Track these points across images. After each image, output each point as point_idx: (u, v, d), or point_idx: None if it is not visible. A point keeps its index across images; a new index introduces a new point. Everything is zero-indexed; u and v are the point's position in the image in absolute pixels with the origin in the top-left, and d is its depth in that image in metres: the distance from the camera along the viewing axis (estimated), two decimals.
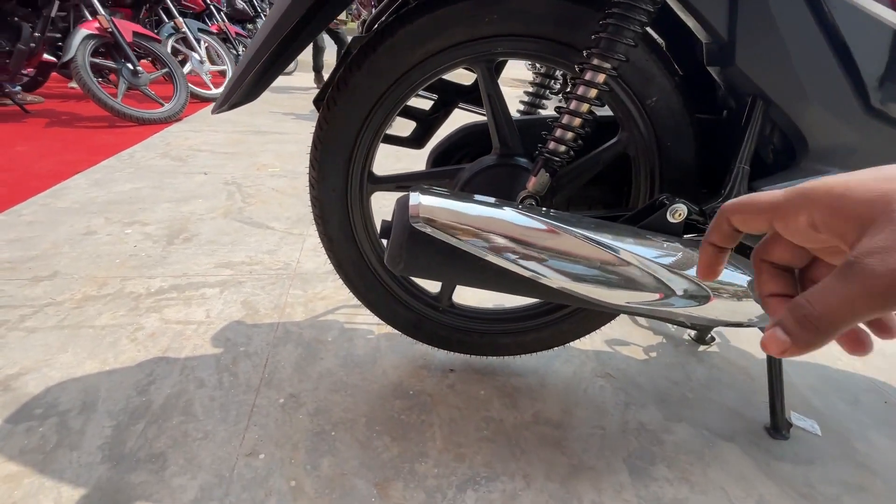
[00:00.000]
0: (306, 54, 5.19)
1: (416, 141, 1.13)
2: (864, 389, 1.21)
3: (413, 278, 1.04)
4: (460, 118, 1.04)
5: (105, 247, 1.61)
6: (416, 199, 0.61)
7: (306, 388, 1.06)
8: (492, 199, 0.65)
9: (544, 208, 0.70)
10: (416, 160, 1.06)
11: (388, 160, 2.88)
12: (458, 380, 1.13)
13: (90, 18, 3.28)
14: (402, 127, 1.06)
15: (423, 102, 1.12)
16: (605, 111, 0.92)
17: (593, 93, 0.72)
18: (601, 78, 0.70)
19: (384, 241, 0.78)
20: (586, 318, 1.05)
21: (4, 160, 2.44)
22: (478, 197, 0.65)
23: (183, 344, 1.17)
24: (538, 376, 1.16)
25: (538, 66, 1.11)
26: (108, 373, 1.06)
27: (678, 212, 0.70)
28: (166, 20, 4.55)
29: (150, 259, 1.55)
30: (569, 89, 0.74)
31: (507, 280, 0.66)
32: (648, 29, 0.92)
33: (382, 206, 2.03)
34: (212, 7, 5.24)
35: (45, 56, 3.43)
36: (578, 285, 0.63)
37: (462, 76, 0.90)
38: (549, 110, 1.12)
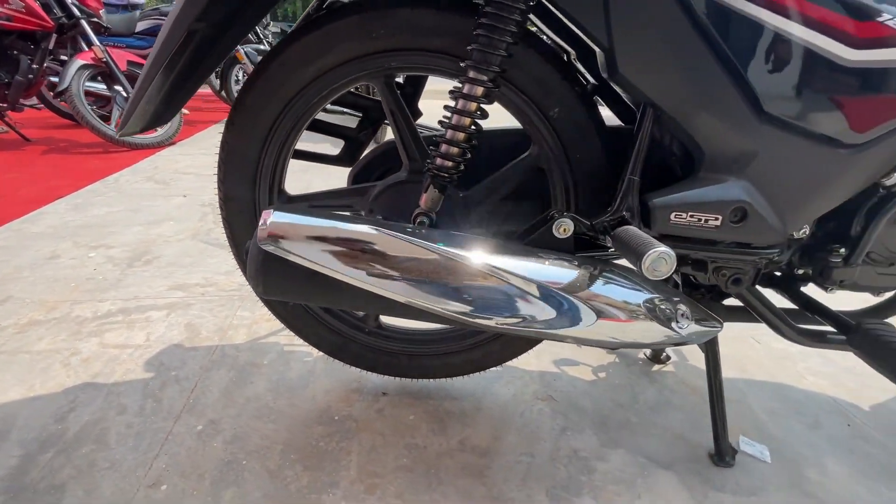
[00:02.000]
0: None
1: (345, 159, 1.11)
2: (827, 411, 1.13)
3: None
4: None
5: (65, 271, 1.62)
6: (267, 217, 0.58)
7: (229, 414, 1.03)
8: (350, 216, 0.62)
9: (411, 225, 0.67)
10: None
11: None
12: (390, 404, 1.09)
13: (86, 49, 3.40)
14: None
15: (357, 118, 1.11)
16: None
17: (473, 106, 0.69)
18: (479, 91, 0.68)
19: None
20: (518, 337, 1.00)
21: None
22: (335, 213, 0.62)
23: (115, 369, 1.15)
24: (475, 399, 1.12)
25: None
26: (31, 400, 1.04)
27: (563, 227, 0.66)
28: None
29: (105, 282, 1.56)
30: (451, 103, 0.71)
31: (375, 301, 0.63)
32: (555, 37, 0.89)
33: None
34: None
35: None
36: (441, 303, 0.59)
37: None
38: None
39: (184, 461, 0.91)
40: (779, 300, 0.90)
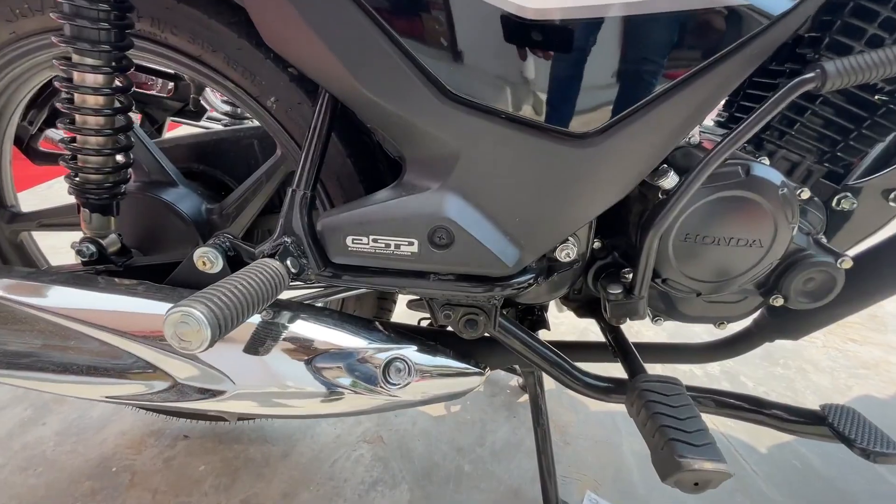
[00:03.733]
0: None
1: None
2: None
3: None
4: None
5: None
6: None
7: None
8: None
9: None
10: None
11: None
12: (185, 450, 0.94)
13: None
14: None
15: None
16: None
17: (100, 100, 0.51)
18: (98, 80, 0.50)
19: None
20: None
21: None
22: None
23: None
24: (289, 443, 0.95)
25: None
26: None
27: (204, 259, 0.49)
28: None
29: None
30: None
31: None
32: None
33: None
34: None
35: None
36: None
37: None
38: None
39: None
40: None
